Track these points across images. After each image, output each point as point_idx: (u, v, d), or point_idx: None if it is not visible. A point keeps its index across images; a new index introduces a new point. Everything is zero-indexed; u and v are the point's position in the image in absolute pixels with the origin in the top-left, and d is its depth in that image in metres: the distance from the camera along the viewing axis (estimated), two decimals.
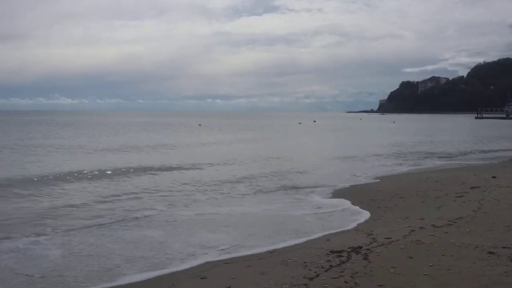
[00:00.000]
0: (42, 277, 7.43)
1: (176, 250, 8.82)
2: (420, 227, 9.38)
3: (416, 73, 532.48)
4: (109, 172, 19.04)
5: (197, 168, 21.44)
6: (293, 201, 13.96)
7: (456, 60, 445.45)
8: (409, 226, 9.54)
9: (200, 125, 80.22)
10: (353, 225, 10.53)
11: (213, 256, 8.39)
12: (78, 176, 17.99)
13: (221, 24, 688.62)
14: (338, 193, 15.13)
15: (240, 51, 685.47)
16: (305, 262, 7.43)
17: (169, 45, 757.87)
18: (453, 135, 54.08)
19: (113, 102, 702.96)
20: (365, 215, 11.68)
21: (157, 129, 65.37)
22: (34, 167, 20.60)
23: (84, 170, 19.08)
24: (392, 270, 6.79)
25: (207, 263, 7.95)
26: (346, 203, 13.29)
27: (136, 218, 11.44)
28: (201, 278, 7.09)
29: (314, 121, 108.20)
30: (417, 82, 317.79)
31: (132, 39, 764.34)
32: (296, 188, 16.27)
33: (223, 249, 8.78)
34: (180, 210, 12.47)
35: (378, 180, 18.01)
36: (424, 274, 6.57)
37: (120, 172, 19.19)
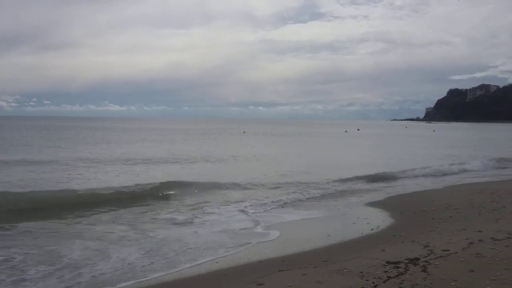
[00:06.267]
0: None
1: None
2: (479, 240, 9.12)
3: (464, 81, 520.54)
4: None
5: None
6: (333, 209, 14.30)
7: (507, 67, 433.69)
8: (467, 239, 9.28)
9: (244, 132, 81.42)
10: (405, 235, 10.34)
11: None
12: None
13: (267, 32, 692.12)
14: (377, 204, 15.15)
15: (285, 58, 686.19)
16: (361, 272, 7.36)
17: (215, 52, 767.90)
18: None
19: (159, 109, 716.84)
20: (415, 225, 11.48)
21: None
22: None
23: None
24: (453, 283, 6.63)
25: (262, 269, 8.02)
26: (393, 214, 13.24)
27: None
28: (258, 285, 7.14)
29: (358, 129, 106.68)
30: (466, 90, 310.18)
31: (179, 47, 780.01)
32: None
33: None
34: None
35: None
36: None
37: None
